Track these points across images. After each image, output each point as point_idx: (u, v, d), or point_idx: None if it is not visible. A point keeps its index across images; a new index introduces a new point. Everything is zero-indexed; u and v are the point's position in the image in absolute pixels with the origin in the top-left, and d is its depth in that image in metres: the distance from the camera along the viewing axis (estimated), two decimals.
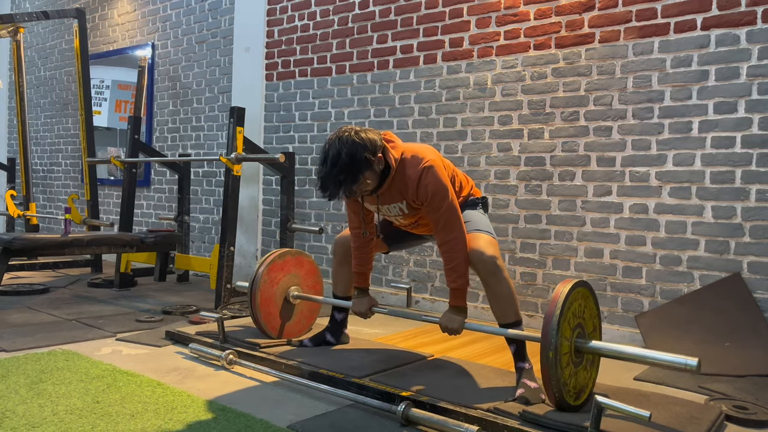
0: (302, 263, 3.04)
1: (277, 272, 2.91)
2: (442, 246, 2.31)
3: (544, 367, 1.93)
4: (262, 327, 2.85)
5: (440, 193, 2.26)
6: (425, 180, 2.25)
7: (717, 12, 3.00)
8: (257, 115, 4.86)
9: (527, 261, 3.57)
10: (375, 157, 2.22)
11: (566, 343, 1.97)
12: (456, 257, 2.28)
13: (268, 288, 2.87)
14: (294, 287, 2.97)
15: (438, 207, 2.27)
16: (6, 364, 2.50)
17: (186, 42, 5.49)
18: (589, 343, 2.04)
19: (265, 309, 2.84)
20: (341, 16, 4.41)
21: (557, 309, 1.95)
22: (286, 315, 2.95)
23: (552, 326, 1.93)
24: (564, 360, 1.95)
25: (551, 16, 3.49)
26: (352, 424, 2.01)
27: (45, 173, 7.12)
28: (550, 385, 1.93)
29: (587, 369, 2.09)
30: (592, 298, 2.15)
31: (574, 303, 2.03)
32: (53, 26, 6.94)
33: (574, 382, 2.01)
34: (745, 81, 2.93)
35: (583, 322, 2.08)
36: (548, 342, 1.92)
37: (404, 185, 2.30)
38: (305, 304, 3.05)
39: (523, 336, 2.23)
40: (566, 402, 1.96)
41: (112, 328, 3.18)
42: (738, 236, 2.94)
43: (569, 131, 3.43)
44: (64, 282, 4.64)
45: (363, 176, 2.21)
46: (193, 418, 1.99)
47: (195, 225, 5.38)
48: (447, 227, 2.28)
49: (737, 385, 2.47)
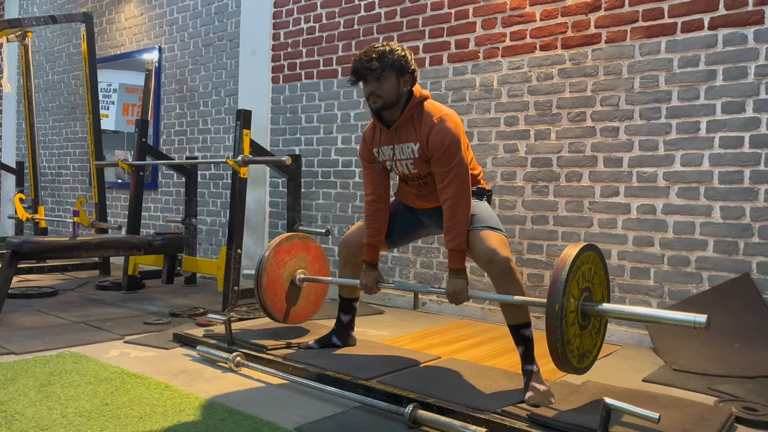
0: (309, 248, 3.06)
1: (284, 255, 2.93)
2: (445, 202, 2.31)
3: (549, 321, 1.89)
4: (267, 309, 2.86)
5: (453, 146, 2.28)
6: (441, 127, 2.29)
7: (724, 11, 2.99)
8: (264, 117, 4.87)
9: (534, 262, 3.56)
10: (406, 72, 2.33)
11: (573, 302, 1.95)
12: (458, 214, 2.28)
13: (274, 270, 2.88)
14: (301, 270, 2.98)
15: (448, 160, 2.28)
16: (15, 366, 2.51)
17: (192, 45, 5.51)
18: (596, 306, 2.02)
19: (271, 291, 2.85)
20: (347, 18, 4.41)
21: (566, 266, 1.92)
22: (292, 298, 2.96)
23: (560, 282, 1.90)
24: (570, 318, 1.93)
25: (557, 16, 3.48)
26: (359, 426, 2.01)
27: (53, 176, 7.16)
28: (554, 340, 1.89)
29: (593, 335, 2.07)
30: (602, 266, 2.12)
31: (584, 266, 2.00)
32: (61, 30, 6.98)
33: (579, 343, 1.99)
34: (753, 80, 2.91)
35: (592, 287, 2.05)
36: (555, 296, 1.89)
37: (420, 127, 2.34)
38: (311, 289, 3.06)
39: (529, 301, 2.20)
40: (569, 361, 1.94)
41: (120, 331, 3.19)
42: (747, 237, 2.93)
43: (576, 132, 3.42)
44: (72, 285, 4.67)
45: (390, 75, 2.30)
46: (201, 421, 2.00)
47: (202, 227, 5.40)
48: (453, 183, 2.28)
49: (747, 387, 2.45)
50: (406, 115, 2.36)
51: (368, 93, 2.36)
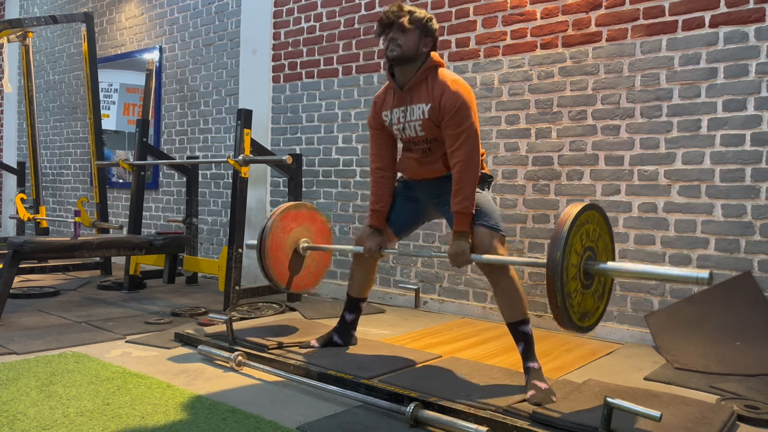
0: (315, 219, 3.05)
1: (290, 221, 2.91)
2: (455, 166, 2.32)
3: (550, 271, 1.87)
4: (269, 273, 2.83)
5: (464, 109, 2.30)
6: (454, 90, 2.31)
7: (725, 9, 2.98)
8: (264, 117, 4.87)
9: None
10: (429, 35, 2.41)
11: (575, 256, 1.93)
12: (467, 177, 2.29)
13: (279, 234, 2.86)
14: (304, 240, 2.97)
15: (460, 122, 2.29)
16: (17, 366, 2.52)
17: (193, 45, 5.52)
18: (598, 265, 2.01)
19: (274, 254, 2.84)
20: (347, 17, 4.41)
21: (569, 219, 1.91)
22: (295, 266, 2.94)
23: (563, 232, 1.88)
24: (571, 271, 1.91)
25: (558, 15, 3.48)
26: (360, 425, 2.01)
27: (54, 176, 7.16)
28: (555, 291, 1.87)
29: (595, 298, 2.05)
30: (607, 231, 2.10)
31: (587, 224, 1.99)
32: (62, 30, 6.98)
33: (580, 299, 1.97)
34: (754, 78, 2.91)
35: (596, 248, 2.04)
36: (557, 246, 1.87)
37: (433, 88, 2.36)
38: (313, 260, 3.03)
39: (530, 262, 2.20)
40: (569, 316, 1.92)
41: (122, 330, 3.19)
42: (748, 234, 2.92)
43: (577, 130, 3.42)
44: (73, 284, 4.67)
45: (414, 30, 2.38)
46: (203, 420, 2.00)
47: (203, 227, 5.40)
48: (464, 146, 2.30)
49: (749, 385, 2.45)
50: (420, 76, 2.40)
51: (389, 41, 2.42)
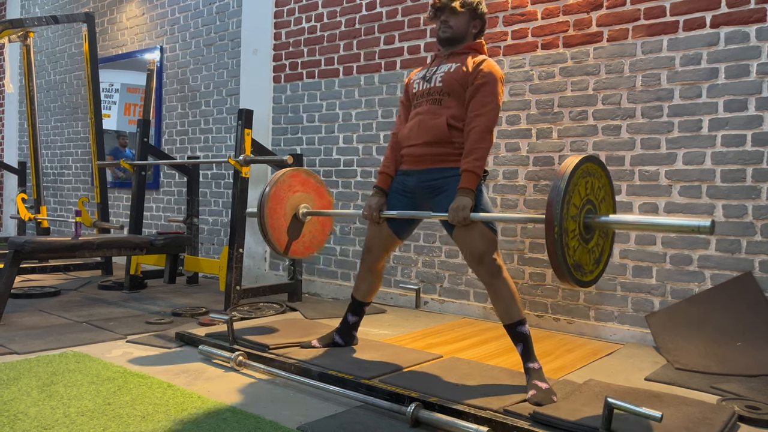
0: (322, 194, 3.04)
1: (297, 183, 2.91)
2: (473, 129, 2.36)
3: (549, 206, 1.86)
4: (265, 228, 2.79)
5: (493, 81, 2.39)
6: (489, 64, 2.43)
7: (726, 9, 2.98)
8: (265, 117, 4.87)
9: (536, 261, 3.55)
10: (478, 18, 2.56)
11: (574, 209, 1.91)
12: (482, 141, 2.34)
13: (284, 191, 2.85)
14: (305, 205, 2.94)
15: (488, 92, 2.38)
16: (18, 366, 2.52)
17: (194, 45, 5.52)
18: (598, 218, 1.99)
19: (273, 204, 2.81)
20: (348, 17, 4.41)
21: (569, 169, 1.90)
22: (293, 231, 2.91)
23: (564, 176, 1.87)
24: (570, 225, 1.89)
25: (559, 15, 3.48)
26: (361, 426, 2.01)
27: (55, 176, 7.17)
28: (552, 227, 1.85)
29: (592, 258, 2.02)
30: (609, 187, 2.09)
31: (588, 178, 1.97)
32: (63, 30, 6.99)
33: (580, 254, 1.95)
34: (755, 78, 2.91)
35: (595, 201, 2.02)
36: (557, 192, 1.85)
37: (470, 58, 2.48)
38: (309, 229, 2.99)
39: (530, 218, 2.24)
40: (567, 267, 1.89)
41: (123, 330, 3.19)
42: (749, 235, 2.92)
43: (578, 130, 3.42)
44: (74, 284, 4.67)
45: (465, 13, 2.52)
46: (204, 420, 2.00)
47: (204, 227, 5.40)
48: (486, 115, 2.36)
49: (749, 385, 2.45)
50: (464, 48, 2.53)
51: (441, 23, 2.56)
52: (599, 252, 2.08)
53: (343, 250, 4.41)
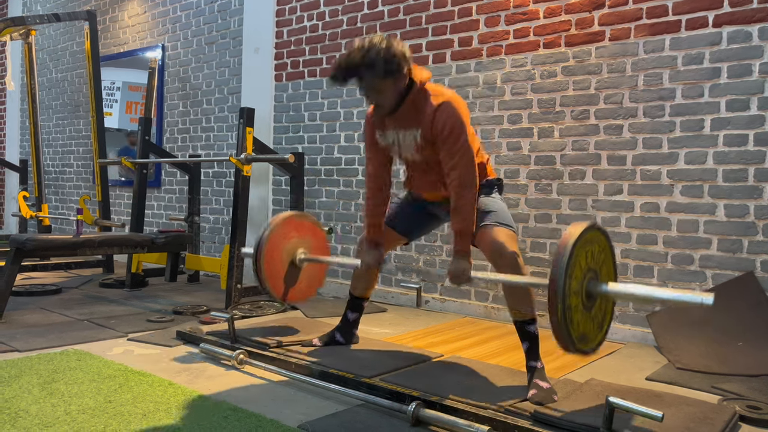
0: (317, 234, 3.00)
1: (291, 230, 2.88)
2: (451, 184, 2.27)
3: (552, 283, 1.84)
4: (262, 277, 2.77)
5: (457, 128, 2.23)
6: (444, 111, 2.23)
7: (729, 9, 2.97)
8: (267, 115, 4.87)
9: (538, 260, 3.55)
10: (402, 72, 2.21)
11: (576, 284, 1.88)
12: (463, 198, 2.25)
13: (280, 238, 2.82)
14: (302, 251, 2.92)
15: (453, 142, 2.23)
16: (19, 364, 2.52)
17: (196, 43, 5.52)
18: (600, 286, 1.95)
19: (270, 256, 2.79)
20: (350, 16, 4.41)
21: (572, 238, 1.86)
22: (291, 277, 2.89)
23: (567, 246, 1.84)
24: (574, 300, 1.86)
25: (561, 14, 3.47)
26: (362, 424, 2.01)
27: (57, 174, 7.17)
28: (556, 306, 1.83)
29: (594, 324, 2.00)
30: (610, 254, 2.07)
31: (588, 247, 1.94)
32: (64, 28, 6.99)
33: (580, 318, 1.92)
34: (758, 78, 2.90)
35: (596, 268, 2.00)
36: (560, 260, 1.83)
37: (422, 113, 2.28)
38: (307, 273, 2.97)
39: (529, 282, 2.17)
40: (568, 334, 1.86)
41: (124, 328, 3.20)
42: (751, 235, 2.92)
43: (579, 130, 3.41)
44: (76, 282, 4.68)
45: (385, 81, 2.20)
46: (204, 418, 2.00)
47: (205, 225, 5.40)
48: (458, 165, 2.25)
49: (750, 385, 2.44)
50: (407, 104, 2.30)
51: (366, 97, 2.34)
52: (601, 316, 2.06)
53: (344, 249, 4.42)
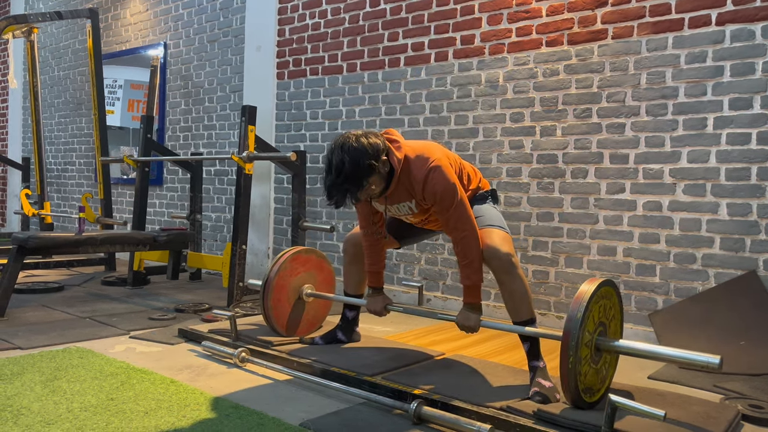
0: (323, 268, 3.05)
1: (299, 266, 2.92)
2: (455, 244, 2.31)
3: (564, 356, 1.89)
4: (269, 315, 2.81)
5: (448, 193, 2.24)
6: (432, 181, 2.24)
7: (732, 7, 2.97)
8: (269, 113, 4.87)
9: (540, 259, 3.55)
10: (379, 162, 2.20)
11: (588, 335, 1.95)
12: (469, 254, 2.27)
13: (287, 276, 2.85)
14: (308, 285, 2.97)
15: (448, 206, 2.26)
16: (21, 361, 2.53)
17: (198, 41, 5.51)
18: (610, 342, 2.02)
19: (277, 294, 2.83)
20: (352, 14, 4.40)
21: (583, 301, 1.93)
22: (297, 311, 2.94)
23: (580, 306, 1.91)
24: (584, 352, 1.93)
25: (563, 12, 3.47)
26: (364, 422, 2.01)
27: (59, 172, 7.18)
28: (568, 378, 1.90)
29: (598, 378, 2.07)
30: (618, 306, 2.14)
31: (602, 301, 2.02)
32: (67, 26, 6.99)
33: (590, 377, 2.00)
34: (761, 77, 2.89)
35: (606, 322, 2.06)
36: (572, 331, 1.89)
37: (411, 186, 2.29)
38: (312, 307, 3.02)
39: (540, 333, 2.22)
40: (578, 393, 1.94)
41: (126, 326, 3.20)
42: (754, 234, 2.91)
43: (582, 128, 3.41)
44: (78, 280, 4.68)
45: (368, 182, 2.20)
46: (206, 416, 2.00)
47: (207, 223, 5.40)
48: (458, 226, 2.27)
49: (753, 384, 2.44)
50: (393, 184, 2.29)
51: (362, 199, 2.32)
52: (605, 370, 2.11)
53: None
